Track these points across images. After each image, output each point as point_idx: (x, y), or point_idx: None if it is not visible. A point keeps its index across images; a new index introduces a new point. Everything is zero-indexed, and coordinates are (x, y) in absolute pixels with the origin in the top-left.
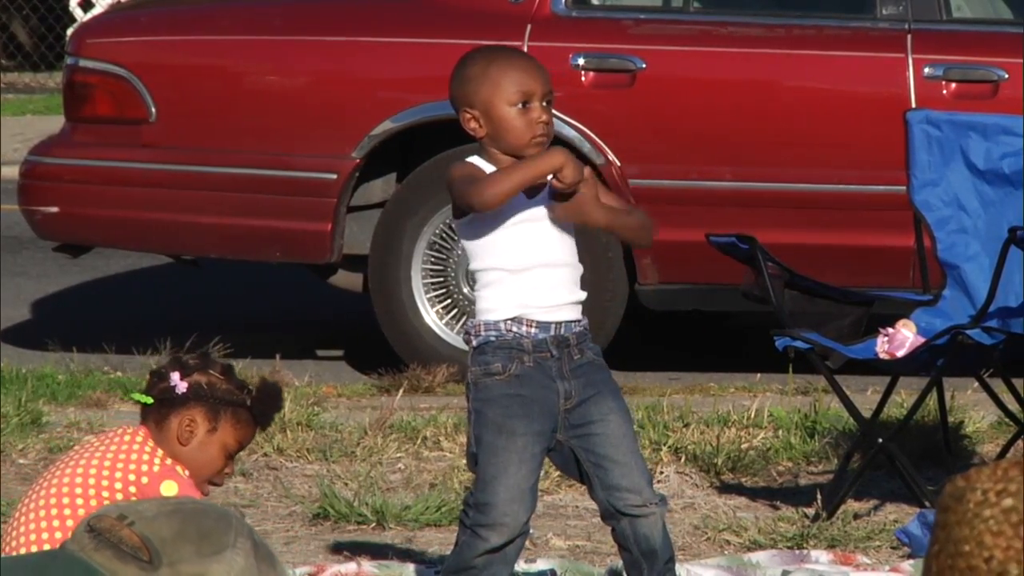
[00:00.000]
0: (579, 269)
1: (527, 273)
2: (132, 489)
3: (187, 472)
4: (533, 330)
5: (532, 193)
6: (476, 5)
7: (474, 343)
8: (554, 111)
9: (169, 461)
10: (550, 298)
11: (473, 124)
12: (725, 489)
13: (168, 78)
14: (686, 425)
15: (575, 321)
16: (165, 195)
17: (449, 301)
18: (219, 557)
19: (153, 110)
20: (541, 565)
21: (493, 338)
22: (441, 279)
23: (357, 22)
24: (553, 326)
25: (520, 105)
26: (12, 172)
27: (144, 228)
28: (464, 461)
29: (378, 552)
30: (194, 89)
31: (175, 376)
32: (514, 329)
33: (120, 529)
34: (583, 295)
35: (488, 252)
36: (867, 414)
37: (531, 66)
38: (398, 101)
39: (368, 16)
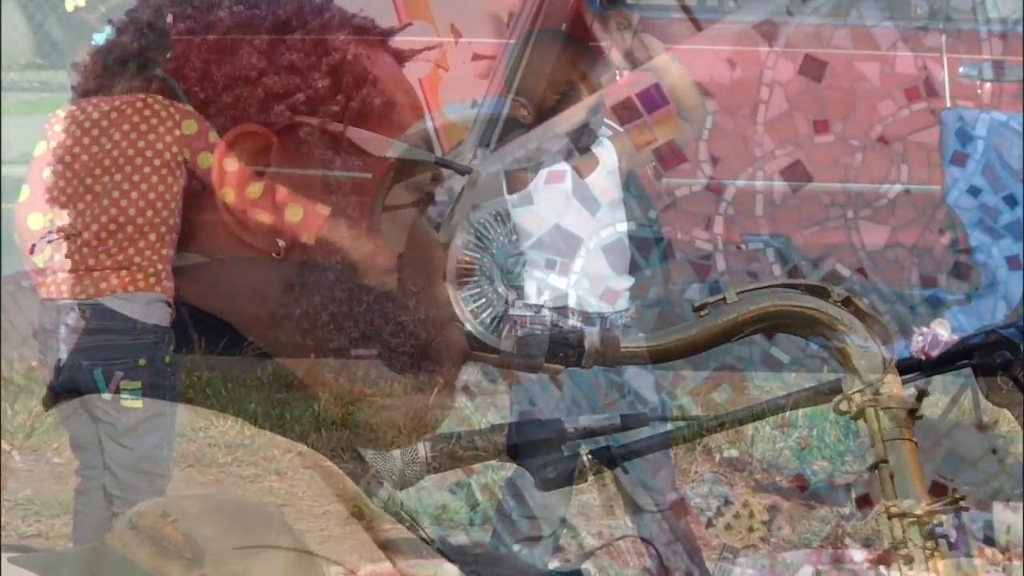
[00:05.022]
0: (627, 253)
1: (577, 259)
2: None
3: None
4: (579, 324)
5: (585, 172)
6: None
7: (519, 333)
8: None
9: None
10: (598, 286)
11: (522, 111)
12: (759, 488)
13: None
14: (720, 424)
15: (622, 312)
16: None
17: (483, 301)
18: (261, 555)
19: None
20: (572, 565)
21: (538, 331)
22: (475, 278)
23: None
24: (599, 319)
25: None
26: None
27: None
28: (497, 459)
29: (413, 551)
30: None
31: None
32: (560, 324)
33: (163, 526)
34: (631, 281)
35: (537, 235)
36: None
37: None
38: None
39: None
